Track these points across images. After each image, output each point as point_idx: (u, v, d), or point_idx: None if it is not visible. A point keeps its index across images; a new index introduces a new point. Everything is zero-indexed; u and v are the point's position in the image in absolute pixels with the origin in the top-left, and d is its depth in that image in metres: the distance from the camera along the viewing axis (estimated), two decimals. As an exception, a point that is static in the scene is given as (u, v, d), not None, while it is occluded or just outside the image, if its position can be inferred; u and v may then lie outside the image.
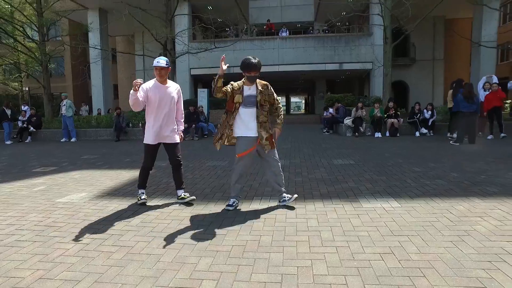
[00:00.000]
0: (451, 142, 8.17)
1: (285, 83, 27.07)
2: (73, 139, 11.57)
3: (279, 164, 3.46)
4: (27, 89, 26.59)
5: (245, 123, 3.29)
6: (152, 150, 3.58)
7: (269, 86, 3.38)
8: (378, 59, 15.12)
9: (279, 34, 19.60)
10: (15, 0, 15.61)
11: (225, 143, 3.37)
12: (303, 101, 45.69)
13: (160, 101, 3.47)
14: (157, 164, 5.91)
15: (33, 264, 2.26)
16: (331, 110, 12.77)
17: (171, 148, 3.62)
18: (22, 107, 14.40)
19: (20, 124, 12.10)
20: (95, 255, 2.39)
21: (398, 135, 10.38)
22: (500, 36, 17.02)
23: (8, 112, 11.65)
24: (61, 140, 11.65)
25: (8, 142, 11.46)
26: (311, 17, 22.61)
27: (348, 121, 11.03)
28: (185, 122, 10.71)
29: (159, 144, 3.59)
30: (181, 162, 3.68)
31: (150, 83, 3.49)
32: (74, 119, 12.07)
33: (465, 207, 3.23)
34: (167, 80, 3.58)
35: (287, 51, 18.71)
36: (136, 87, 3.21)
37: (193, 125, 11.21)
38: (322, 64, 18.58)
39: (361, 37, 18.10)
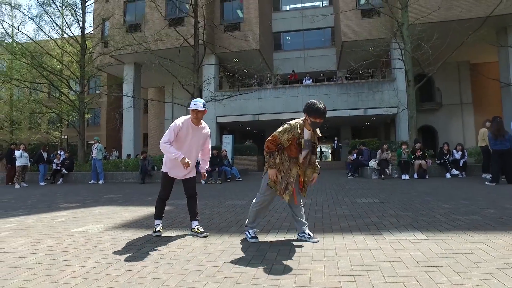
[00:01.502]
0: (486, 182, 7.62)
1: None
2: (100, 181, 11.95)
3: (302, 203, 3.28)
4: (65, 137, 28.47)
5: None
6: (169, 178, 3.58)
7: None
8: (402, 103, 15.03)
9: (303, 82, 20.17)
10: (65, 59, 17.56)
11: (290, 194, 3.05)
12: (329, 150, 45.29)
13: (189, 141, 3.47)
14: (175, 202, 5.95)
15: (37, 284, 2.21)
16: (355, 155, 12.52)
17: (188, 181, 3.61)
18: (59, 152, 15.31)
19: (54, 166, 12.79)
20: (99, 278, 2.31)
21: (427, 176, 9.86)
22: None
23: (45, 155, 12.39)
24: (90, 182, 12.07)
25: (42, 183, 12.03)
26: (334, 66, 23.31)
27: (373, 163, 10.70)
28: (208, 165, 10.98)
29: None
30: (196, 192, 3.64)
31: (183, 122, 3.44)
32: (103, 162, 12.59)
33: (505, 240, 2.89)
34: (201, 121, 3.55)
35: (310, 98, 18.89)
36: (185, 166, 3.31)
37: (216, 169, 11.29)
38: (346, 110, 18.64)
39: (384, 83, 18.22)
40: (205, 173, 3.78)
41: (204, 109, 3.41)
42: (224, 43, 18.12)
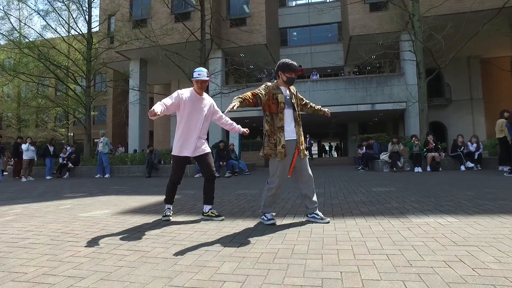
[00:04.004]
0: (505, 174, 7.33)
1: (317, 127, 26.90)
2: (107, 175, 11.82)
3: (312, 177, 3.06)
4: (72, 134, 28.54)
5: (288, 125, 2.96)
6: (180, 162, 3.36)
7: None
8: (413, 96, 14.71)
9: (310, 77, 19.89)
10: (71, 55, 17.51)
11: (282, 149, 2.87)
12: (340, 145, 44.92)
13: (195, 113, 3.31)
14: (184, 192, 5.78)
15: (39, 262, 2.04)
16: (365, 149, 12.24)
17: (203, 159, 3.37)
18: (65, 147, 15.26)
19: (61, 160, 12.71)
20: (106, 257, 2.13)
21: (440, 169, 9.57)
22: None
23: (51, 149, 12.29)
24: (96, 176, 11.95)
25: (48, 177, 11.95)
26: (341, 62, 22.98)
27: (384, 156, 10.43)
28: (215, 159, 10.78)
29: (187, 157, 3.39)
30: (215, 174, 3.42)
31: (187, 93, 3.30)
32: (109, 157, 12.46)
33: (544, 223, 2.66)
34: (203, 92, 3.45)
35: (318, 93, 18.76)
36: (149, 114, 2.93)
37: (224, 162, 11.08)
38: (354, 105, 18.31)
39: (393, 77, 17.85)
40: (245, 130, 3.68)
41: (208, 78, 3.35)
42: (231, 37, 17.90)
